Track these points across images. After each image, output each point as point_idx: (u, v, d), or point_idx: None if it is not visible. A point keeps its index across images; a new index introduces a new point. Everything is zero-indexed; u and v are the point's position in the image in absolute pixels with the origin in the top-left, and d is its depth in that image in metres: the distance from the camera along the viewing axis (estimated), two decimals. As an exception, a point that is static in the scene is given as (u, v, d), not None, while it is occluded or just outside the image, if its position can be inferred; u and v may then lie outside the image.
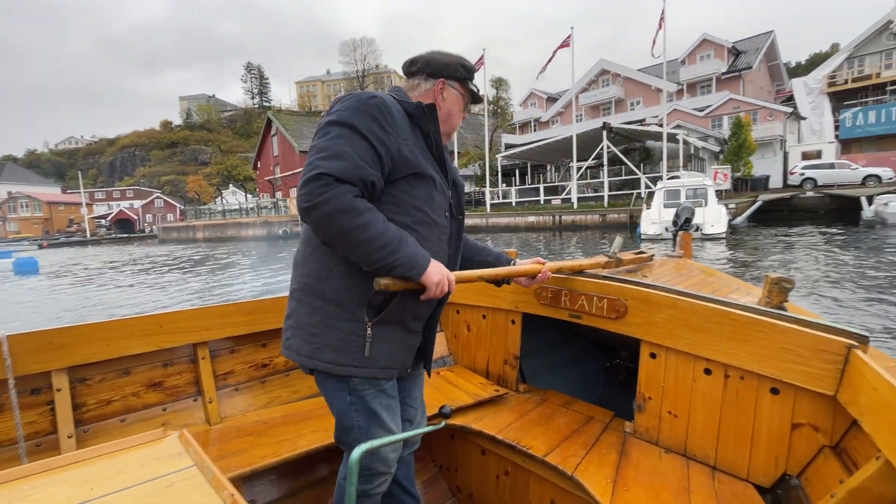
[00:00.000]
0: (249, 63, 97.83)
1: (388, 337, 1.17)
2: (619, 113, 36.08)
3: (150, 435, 0.95)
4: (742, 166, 23.90)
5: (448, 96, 1.27)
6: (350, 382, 1.16)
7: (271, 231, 29.11)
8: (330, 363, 1.13)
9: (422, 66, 1.26)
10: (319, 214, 1.01)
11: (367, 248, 1.03)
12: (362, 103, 1.09)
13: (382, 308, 1.14)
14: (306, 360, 1.15)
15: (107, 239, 51.04)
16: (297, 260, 1.21)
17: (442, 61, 1.25)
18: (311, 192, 1.01)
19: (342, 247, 1.05)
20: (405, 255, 1.06)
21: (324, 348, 1.13)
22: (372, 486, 1.23)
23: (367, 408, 1.17)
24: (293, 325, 1.18)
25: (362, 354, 1.14)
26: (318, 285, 1.14)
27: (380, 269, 1.06)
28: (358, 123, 1.07)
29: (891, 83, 28.25)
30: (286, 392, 1.93)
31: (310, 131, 36.56)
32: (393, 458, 1.25)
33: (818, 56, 54.85)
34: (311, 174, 1.01)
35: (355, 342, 1.13)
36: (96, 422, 1.52)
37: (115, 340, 1.52)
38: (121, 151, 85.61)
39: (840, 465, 1.15)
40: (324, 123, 1.10)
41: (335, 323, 1.12)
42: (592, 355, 2.59)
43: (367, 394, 1.17)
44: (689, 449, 1.49)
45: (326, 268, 1.13)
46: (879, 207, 15.70)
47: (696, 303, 1.45)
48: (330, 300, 1.12)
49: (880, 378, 0.99)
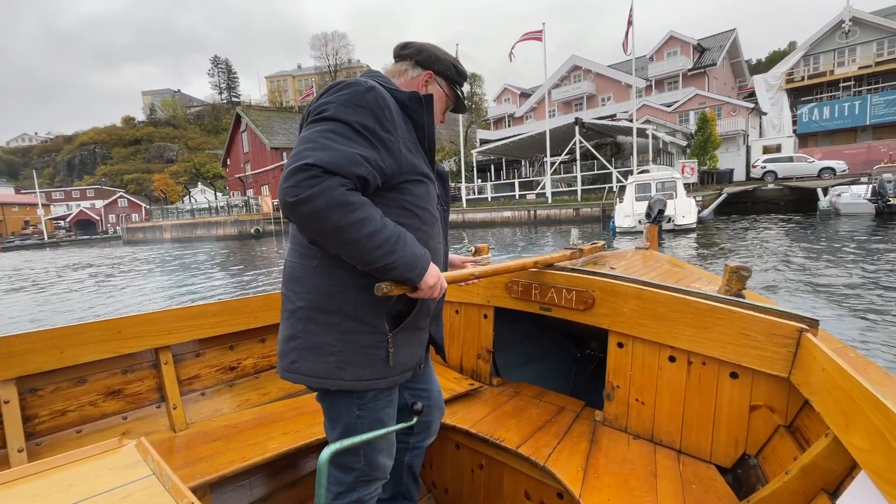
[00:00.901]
0: (216, 57, 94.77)
1: (405, 341, 1.14)
2: (590, 108, 36.72)
3: (105, 445, 0.91)
4: (708, 160, 24.74)
5: (432, 91, 1.22)
6: (364, 397, 1.11)
7: (243, 230, 28.40)
8: (353, 380, 1.06)
9: (413, 52, 1.20)
10: (309, 210, 0.89)
11: (363, 248, 0.94)
12: (359, 97, 0.99)
13: (404, 316, 1.11)
14: (324, 382, 1.06)
15: (66, 241, 48.64)
16: (297, 274, 1.08)
17: (436, 54, 1.21)
18: (297, 184, 0.89)
19: (334, 246, 0.95)
20: (405, 255, 0.99)
21: (345, 367, 1.06)
22: (368, 492, 1.21)
23: (375, 417, 1.15)
24: (301, 346, 1.06)
25: (386, 365, 1.09)
26: (332, 302, 1.05)
27: (377, 270, 0.98)
28: (355, 121, 0.97)
29: (843, 80, 29.74)
30: (256, 395, 1.89)
31: (281, 127, 35.72)
32: (389, 465, 1.24)
33: (777, 54, 57.15)
34: (296, 164, 0.89)
35: (378, 354, 1.08)
36: (50, 434, 1.44)
37: (68, 348, 1.45)
38: (79, 149, 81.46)
39: (794, 443, 1.21)
40: (315, 115, 0.99)
41: (356, 339, 1.06)
42: (564, 346, 2.63)
43: (378, 405, 1.14)
44: (655, 434, 1.54)
45: (340, 282, 1.04)
46: (834, 198, 16.57)
47: (659, 292, 1.49)
48: (349, 316, 1.05)
49: (828, 359, 1.04)
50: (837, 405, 0.99)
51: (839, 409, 0.98)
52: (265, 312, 1.91)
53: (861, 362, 1.16)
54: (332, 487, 1.18)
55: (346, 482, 1.17)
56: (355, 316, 1.05)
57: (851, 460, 0.96)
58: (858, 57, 29.18)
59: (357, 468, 1.17)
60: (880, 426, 0.82)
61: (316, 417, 1.70)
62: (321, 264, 1.05)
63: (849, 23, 28.92)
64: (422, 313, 1.16)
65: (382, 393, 1.14)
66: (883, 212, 14.43)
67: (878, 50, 28.47)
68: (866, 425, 0.87)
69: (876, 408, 0.84)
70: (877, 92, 28.24)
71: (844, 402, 0.95)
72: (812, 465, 1.06)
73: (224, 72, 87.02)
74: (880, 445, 0.82)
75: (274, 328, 1.98)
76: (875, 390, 0.86)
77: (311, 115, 1.01)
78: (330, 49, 73.30)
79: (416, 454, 1.47)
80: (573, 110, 36.87)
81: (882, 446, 0.81)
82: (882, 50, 28.37)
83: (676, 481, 1.31)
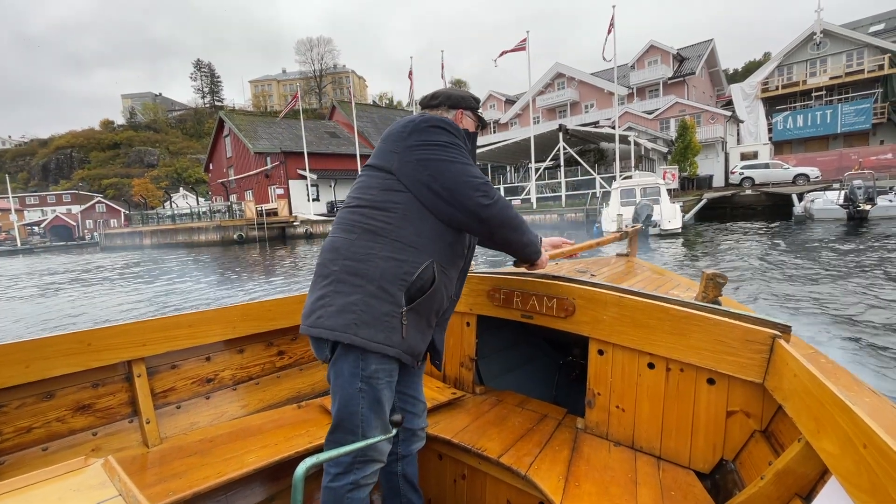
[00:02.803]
0: (199, 60, 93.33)
1: (415, 325, 1.28)
2: (574, 115, 37.25)
3: (70, 465, 0.88)
4: (688, 166, 25.29)
5: (466, 124, 1.49)
6: (368, 369, 1.22)
7: (225, 235, 27.88)
8: (365, 339, 1.19)
9: (443, 100, 1.47)
10: (499, 208, 1.26)
11: (521, 235, 1.37)
12: (450, 127, 1.31)
13: (416, 298, 1.26)
14: (339, 335, 1.19)
15: (41, 247, 47.13)
16: (336, 245, 1.28)
17: (459, 95, 1.49)
18: (488, 192, 1.25)
19: (507, 232, 1.33)
20: (534, 240, 1.43)
21: (361, 325, 1.19)
22: (365, 474, 1.27)
23: (375, 397, 1.25)
24: (326, 304, 1.22)
25: (397, 335, 1.23)
26: (360, 267, 1.22)
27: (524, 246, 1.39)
28: (462, 145, 1.31)
29: (815, 90, 30.80)
30: (234, 407, 1.84)
31: (265, 131, 35.29)
32: (385, 447, 1.32)
33: (753, 64, 58.97)
34: (480, 181, 1.25)
35: (390, 323, 1.22)
36: (14, 452, 1.38)
37: (34, 361, 1.39)
38: (55, 153, 79.14)
39: (769, 448, 1.23)
40: (438, 142, 1.27)
41: (374, 303, 1.20)
42: (547, 353, 2.64)
43: (379, 383, 1.24)
44: (636, 441, 1.55)
45: (371, 252, 1.22)
46: (808, 204, 17.07)
47: (638, 300, 1.50)
48: (373, 281, 1.21)
49: (800, 365, 1.06)
50: (809, 411, 1.00)
51: (810, 414, 0.99)
52: (243, 323, 1.87)
53: (831, 367, 1.18)
54: (331, 469, 1.26)
55: (345, 462, 1.25)
56: (379, 283, 1.21)
57: (823, 465, 0.98)
58: (829, 67, 30.27)
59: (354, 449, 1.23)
60: (849, 431, 0.84)
61: (295, 430, 1.67)
62: (359, 238, 1.25)
63: (820, 35, 30.01)
64: (433, 300, 1.31)
65: (385, 369, 1.25)
66: (854, 217, 14.92)
67: (848, 61, 29.59)
68: (836, 430, 0.88)
69: (844, 413, 0.86)
70: (847, 101, 29.32)
71: (815, 408, 0.97)
72: (786, 470, 1.07)
73: (207, 76, 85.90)
74: (849, 450, 0.83)
75: (253, 338, 1.95)
76: (844, 396, 0.88)
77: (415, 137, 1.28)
78: (315, 54, 73.06)
79: (408, 462, 1.50)
80: (557, 117, 37.33)
81: (851, 451, 0.83)
82: (851, 61, 29.49)
83: (656, 488, 1.32)
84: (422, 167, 1.25)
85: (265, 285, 10.47)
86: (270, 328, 1.95)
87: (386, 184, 1.28)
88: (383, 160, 1.30)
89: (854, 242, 11.08)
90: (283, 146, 33.16)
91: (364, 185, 1.32)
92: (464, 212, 1.25)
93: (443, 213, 1.26)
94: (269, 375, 1.99)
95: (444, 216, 1.26)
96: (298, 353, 2.10)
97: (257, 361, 1.96)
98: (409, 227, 1.25)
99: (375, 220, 1.25)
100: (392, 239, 1.23)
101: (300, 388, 2.05)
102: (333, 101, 47.75)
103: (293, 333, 2.08)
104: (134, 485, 0.80)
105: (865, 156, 25.76)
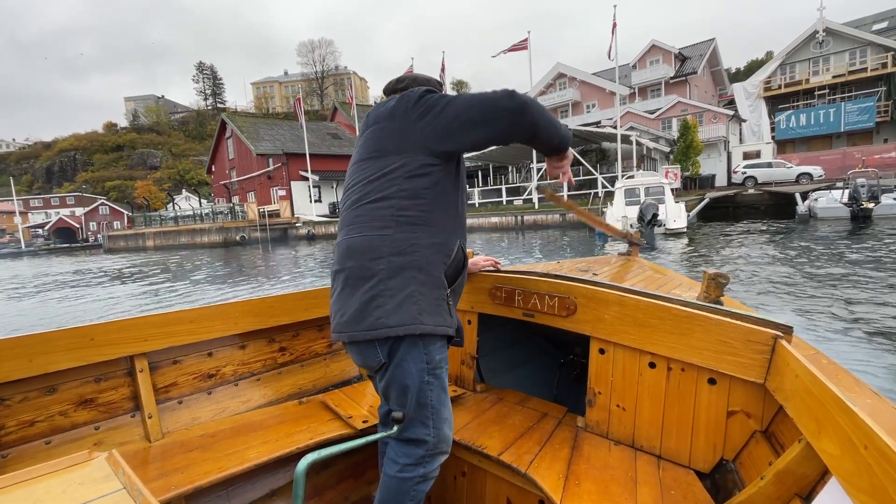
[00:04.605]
0: (202, 63, 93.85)
1: (455, 305, 1.33)
2: (575, 115, 37.24)
3: (74, 458, 0.88)
4: (690, 166, 25.23)
5: None
6: (433, 360, 1.25)
7: (228, 237, 27.97)
8: (433, 325, 1.22)
9: (409, 83, 1.43)
10: (533, 108, 1.22)
11: (556, 127, 1.31)
12: (439, 89, 1.37)
13: (454, 278, 1.31)
14: (409, 328, 1.20)
15: (45, 249, 47.37)
16: (373, 245, 1.25)
17: (424, 78, 1.46)
18: (516, 97, 1.21)
19: (544, 127, 1.26)
20: (567, 130, 1.37)
21: (424, 314, 1.21)
22: (433, 468, 1.29)
23: (442, 387, 1.29)
24: (382, 303, 1.21)
25: (449, 315, 1.28)
26: (409, 260, 1.23)
27: (560, 137, 1.33)
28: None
29: (818, 89, 30.71)
30: (235, 403, 1.85)
31: (267, 133, 35.42)
32: (451, 438, 1.34)
33: (755, 63, 58.74)
34: (505, 92, 1.21)
35: (443, 306, 1.26)
36: (16, 446, 1.39)
37: (37, 356, 1.40)
38: (59, 155, 79.59)
39: (769, 449, 1.22)
40: (444, 98, 1.27)
41: (429, 291, 1.23)
42: (548, 352, 2.64)
43: (443, 373, 1.29)
44: (636, 440, 1.55)
45: (413, 243, 1.24)
46: (811, 203, 17.00)
47: (640, 299, 1.50)
48: (422, 269, 1.23)
49: (801, 366, 1.06)
50: (809, 411, 1.00)
51: (811, 415, 0.99)
52: (245, 319, 1.88)
53: (832, 368, 1.18)
54: (399, 459, 1.26)
55: (417, 454, 1.26)
56: (428, 270, 1.24)
57: (823, 466, 0.97)
58: (832, 66, 30.18)
59: (428, 441, 1.26)
60: (849, 432, 0.83)
61: (296, 425, 1.68)
62: (395, 232, 1.24)
63: (822, 33, 29.92)
64: (465, 278, 1.40)
65: (444, 354, 1.30)
66: (857, 215, 14.85)
67: (851, 59, 29.49)
68: (836, 431, 0.88)
69: (845, 414, 0.85)
70: (850, 100, 29.21)
71: (816, 409, 0.97)
72: (786, 470, 1.07)
73: (209, 78, 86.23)
74: (850, 451, 0.83)
75: (254, 334, 1.95)
76: (844, 397, 0.87)
77: (428, 102, 1.26)
78: (317, 55, 73.27)
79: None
80: (559, 117, 37.18)
81: (851, 452, 0.82)
82: (854, 59, 29.39)
83: (656, 487, 1.32)
84: (442, 119, 1.24)
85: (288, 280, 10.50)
86: (272, 324, 1.96)
87: (406, 170, 1.25)
88: (392, 142, 1.28)
89: (857, 241, 11.03)
90: (285, 147, 33.26)
91: (377, 176, 1.28)
92: (501, 112, 1.20)
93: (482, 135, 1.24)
94: (270, 371, 2.00)
95: (487, 135, 1.24)
96: (300, 350, 2.11)
97: (259, 357, 1.97)
98: (438, 210, 1.27)
99: (408, 210, 1.24)
100: (428, 225, 1.25)
101: (301, 385, 2.06)
102: (335, 102, 47.86)
103: (295, 329, 2.08)
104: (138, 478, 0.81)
105: (869, 154, 25.66)
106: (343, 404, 1.84)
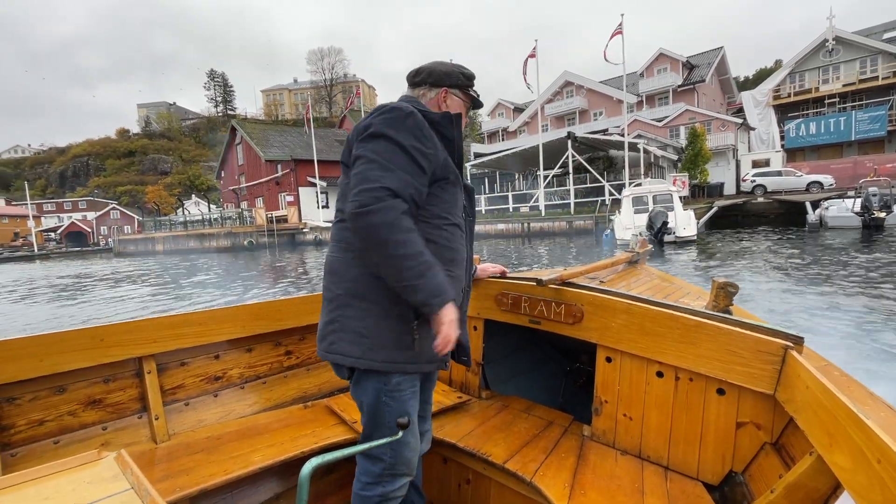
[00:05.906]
0: (213, 70, 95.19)
1: (430, 334, 1.22)
2: (582, 123, 37.22)
3: (83, 457, 0.89)
4: (698, 174, 25.06)
5: (451, 104, 1.34)
6: (390, 383, 1.22)
7: (236, 242, 28.19)
8: (383, 361, 1.19)
9: (425, 77, 1.33)
10: (369, 222, 1.06)
11: (400, 265, 1.09)
12: (401, 121, 1.15)
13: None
14: (357, 361, 1.19)
15: (57, 253, 48.04)
16: (335, 267, 1.25)
17: (443, 71, 1.33)
18: (365, 200, 1.07)
19: (378, 256, 1.10)
20: (433, 282, 1.11)
21: (376, 348, 1.18)
22: (394, 488, 1.27)
23: (402, 409, 1.24)
24: (338, 328, 1.21)
25: (412, 351, 1.21)
26: (366, 290, 1.19)
27: (405, 288, 1.11)
28: (402, 140, 1.13)
29: (828, 97, 30.45)
30: (241, 405, 1.86)
31: (276, 139, 35.78)
32: (415, 462, 1.30)
33: (764, 71, 58.49)
34: (370, 186, 1.07)
35: (405, 340, 1.20)
36: (26, 444, 1.40)
37: (48, 356, 1.41)
38: (72, 161, 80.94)
39: (779, 461, 1.20)
40: (369, 134, 1.15)
41: (387, 324, 1.19)
42: (554, 360, 2.62)
43: (403, 395, 1.24)
44: (643, 450, 1.53)
45: (372, 272, 1.17)
46: (822, 212, 16.80)
47: (648, 308, 1.49)
48: (380, 303, 1.18)
49: (812, 377, 1.04)
50: (821, 424, 0.98)
51: (823, 427, 0.97)
52: (252, 322, 1.89)
53: (844, 380, 1.16)
54: (362, 477, 1.27)
55: (374, 473, 1.25)
56: (385, 303, 1.18)
57: (835, 480, 0.96)
58: (842, 74, 29.95)
59: (385, 460, 1.24)
60: (862, 446, 0.82)
61: (301, 429, 1.68)
62: (357, 257, 1.20)
63: (832, 42, 29.74)
64: (466, 298, 1.33)
65: (407, 380, 1.24)
66: (869, 225, 14.64)
67: (861, 68, 29.25)
68: (849, 445, 0.86)
69: (858, 427, 0.84)
70: (861, 108, 28.93)
71: (828, 421, 0.95)
72: (797, 483, 1.05)
73: (220, 85, 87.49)
74: (862, 465, 0.81)
75: (261, 338, 1.96)
76: (857, 409, 0.86)
77: (362, 135, 1.17)
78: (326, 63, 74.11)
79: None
80: (566, 125, 37.33)
81: (864, 466, 0.81)
82: (865, 68, 29.15)
83: (663, 498, 1.30)
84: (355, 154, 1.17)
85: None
86: (279, 328, 1.97)
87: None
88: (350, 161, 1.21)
89: (869, 251, 10.87)
90: (294, 154, 33.58)
91: (344, 192, 1.22)
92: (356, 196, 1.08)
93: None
94: (276, 375, 2.01)
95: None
96: (306, 354, 2.11)
97: (265, 361, 1.98)
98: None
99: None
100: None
101: (307, 389, 2.07)
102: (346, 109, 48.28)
103: (301, 333, 2.09)
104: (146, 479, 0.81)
105: (881, 163, 25.32)
106: (348, 409, 1.84)
